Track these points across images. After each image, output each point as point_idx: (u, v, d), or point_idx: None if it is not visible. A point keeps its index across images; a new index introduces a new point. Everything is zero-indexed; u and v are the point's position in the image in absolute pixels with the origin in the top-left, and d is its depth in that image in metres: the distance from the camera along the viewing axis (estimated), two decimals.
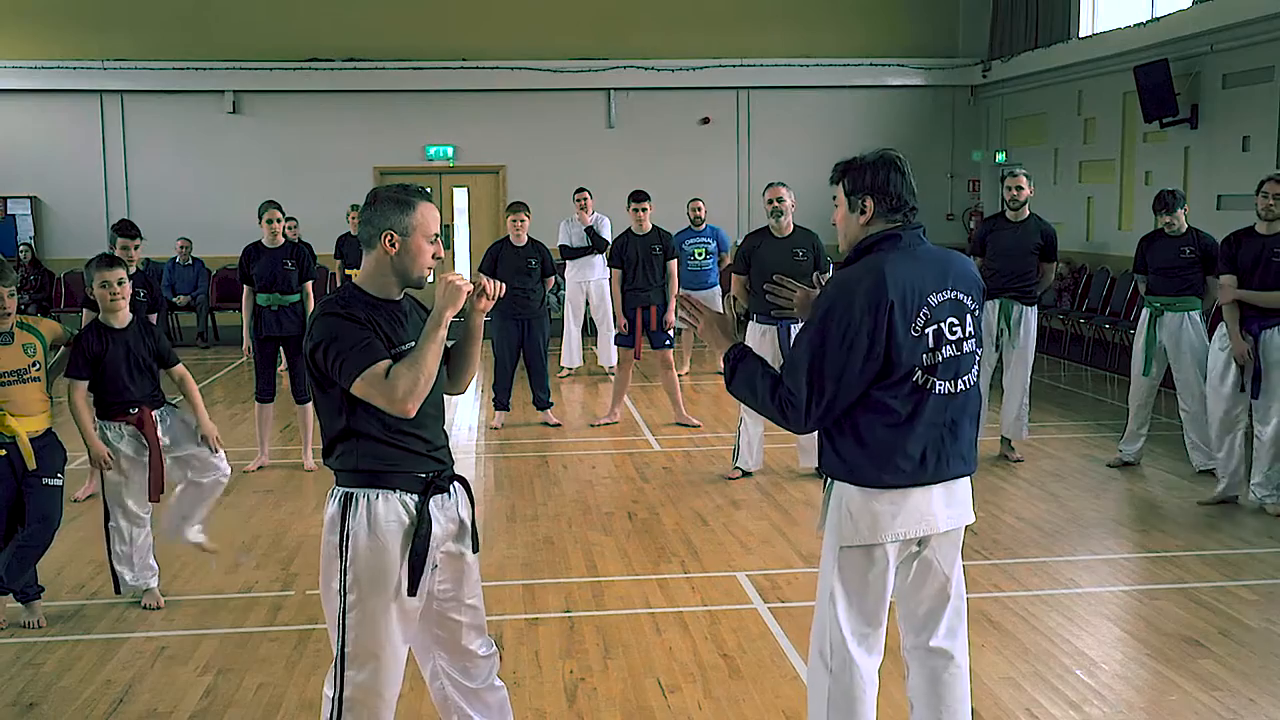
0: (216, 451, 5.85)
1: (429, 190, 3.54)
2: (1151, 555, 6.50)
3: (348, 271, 13.80)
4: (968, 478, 3.46)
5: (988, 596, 5.79)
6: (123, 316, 5.69)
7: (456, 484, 3.55)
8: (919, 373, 3.26)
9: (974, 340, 3.39)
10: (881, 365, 3.24)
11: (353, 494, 3.36)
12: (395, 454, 3.37)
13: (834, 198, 3.55)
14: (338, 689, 3.38)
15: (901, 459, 3.28)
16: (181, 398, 5.90)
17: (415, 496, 3.39)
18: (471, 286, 3.39)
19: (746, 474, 8.30)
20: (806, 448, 8.23)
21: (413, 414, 3.28)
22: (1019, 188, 8.48)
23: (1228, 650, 5.09)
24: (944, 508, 3.38)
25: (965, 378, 3.37)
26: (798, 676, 4.85)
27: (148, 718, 4.59)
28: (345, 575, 3.34)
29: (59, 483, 5.52)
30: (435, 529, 3.41)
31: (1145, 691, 4.73)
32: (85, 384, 5.60)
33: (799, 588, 6.00)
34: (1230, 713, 4.49)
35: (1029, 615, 5.54)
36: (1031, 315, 8.62)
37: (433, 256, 3.41)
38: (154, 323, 6.81)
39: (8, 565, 5.36)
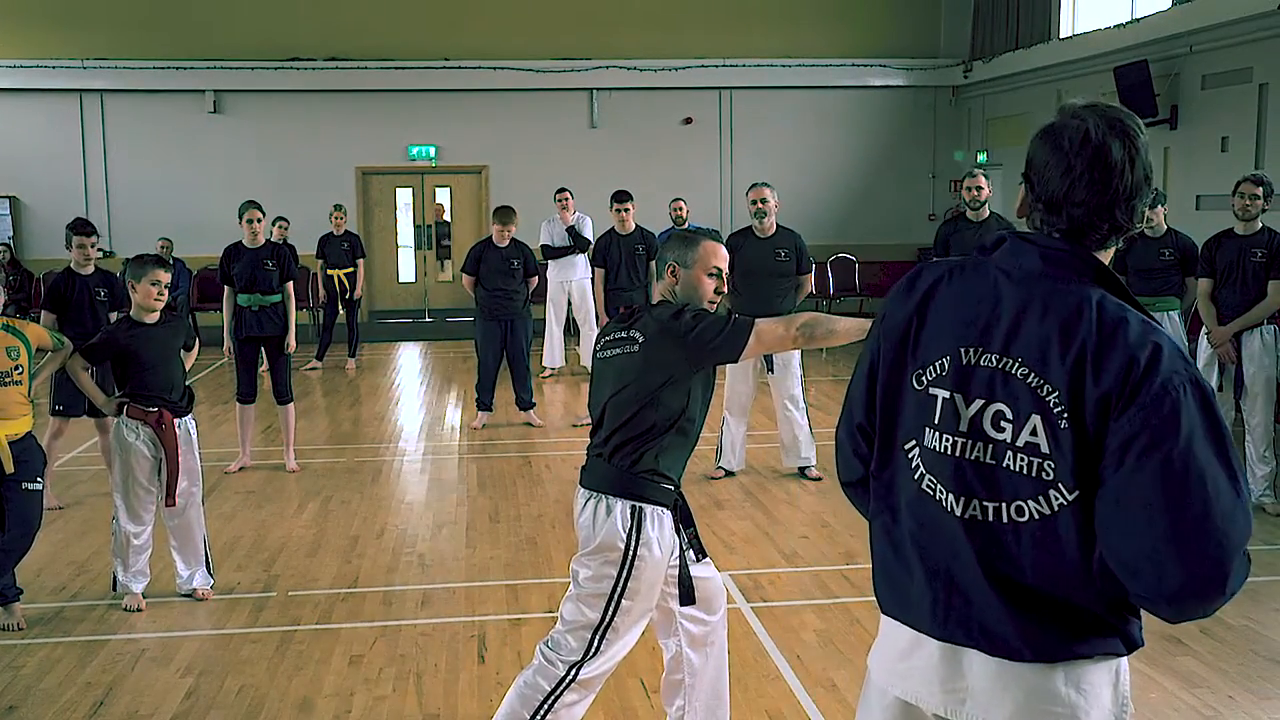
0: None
1: (717, 230, 3.83)
2: None
3: (329, 272, 13.74)
4: (1003, 663, 2.16)
5: None
6: (155, 315, 5.85)
7: None
8: None
9: None
10: None
11: (642, 509, 3.61)
12: (675, 474, 3.70)
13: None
14: (571, 674, 3.60)
15: None
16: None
17: (670, 513, 3.68)
18: None
19: (729, 474, 8.31)
20: (789, 447, 8.25)
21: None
22: (979, 188, 8.54)
23: (1208, 648, 5.12)
24: (942, 682, 2.23)
25: None
26: (780, 676, 4.86)
27: None
28: (625, 584, 3.59)
29: (38, 487, 5.49)
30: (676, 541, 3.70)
31: None
32: (88, 365, 5.84)
33: (782, 587, 6.01)
34: (1210, 710, 4.52)
35: None
36: None
37: (715, 291, 3.76)
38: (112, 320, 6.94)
39: None
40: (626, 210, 10.26)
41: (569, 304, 12.54)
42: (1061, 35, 15.44)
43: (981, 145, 17.81)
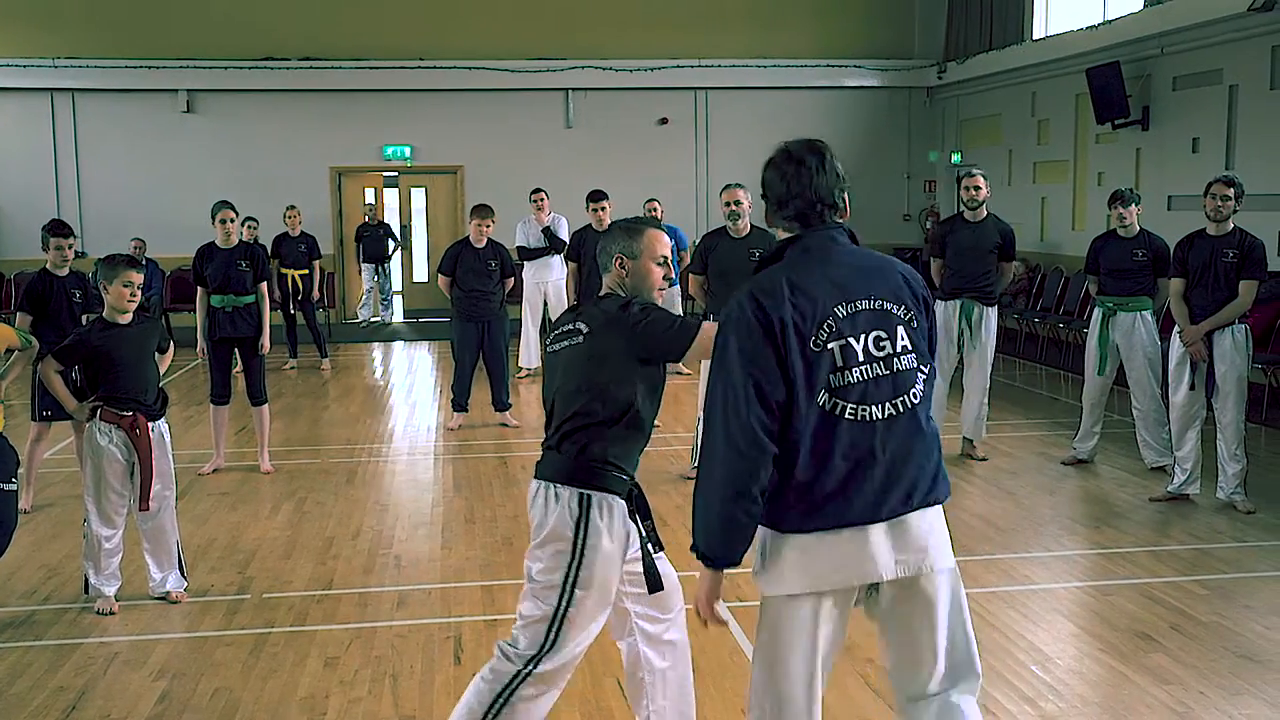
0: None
1: (657, 219, 3.85)
2: (1105, 551, 6.58)
3: (283, 270, 13.63)
4: (925, 512, 2.97)
5: None
6: (128, 316, 5.82)
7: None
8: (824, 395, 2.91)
9: (912, 355, 2.99)
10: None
11: (590, 496, 3.59)
12: (626, 464, 3.68)
13: None
14: (528, 669, 3.60)
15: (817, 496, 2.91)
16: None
17: (624, 503, 3.68)
18: None
19: None
20: None
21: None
22: (976, 188, 8.54)
23: (1179, 644, 5.16)
24: (889, 552, 2.92)
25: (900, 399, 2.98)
26: None
27: None
28: (576, 574, 3.58)
29: (12, 487, 5.42)
30: (633, 532, 3.72)
31: (1099, 686, 4.79)
32: (60, 367, 5.80)
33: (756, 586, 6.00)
34: (1181, 705, 4.55)
35: (985, 612, 5.59)
36: (992, 315, 8.70)
37: (663, 278, 3.78)
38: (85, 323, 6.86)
39: None
40: (603, 209, 10.26)
41: (545, 304, 12.53)
42: (1035, 37, 15.54)
43: (956, 146, 17.90)
